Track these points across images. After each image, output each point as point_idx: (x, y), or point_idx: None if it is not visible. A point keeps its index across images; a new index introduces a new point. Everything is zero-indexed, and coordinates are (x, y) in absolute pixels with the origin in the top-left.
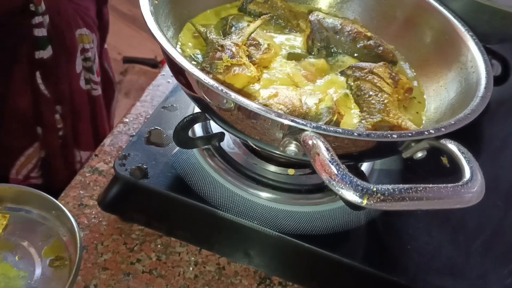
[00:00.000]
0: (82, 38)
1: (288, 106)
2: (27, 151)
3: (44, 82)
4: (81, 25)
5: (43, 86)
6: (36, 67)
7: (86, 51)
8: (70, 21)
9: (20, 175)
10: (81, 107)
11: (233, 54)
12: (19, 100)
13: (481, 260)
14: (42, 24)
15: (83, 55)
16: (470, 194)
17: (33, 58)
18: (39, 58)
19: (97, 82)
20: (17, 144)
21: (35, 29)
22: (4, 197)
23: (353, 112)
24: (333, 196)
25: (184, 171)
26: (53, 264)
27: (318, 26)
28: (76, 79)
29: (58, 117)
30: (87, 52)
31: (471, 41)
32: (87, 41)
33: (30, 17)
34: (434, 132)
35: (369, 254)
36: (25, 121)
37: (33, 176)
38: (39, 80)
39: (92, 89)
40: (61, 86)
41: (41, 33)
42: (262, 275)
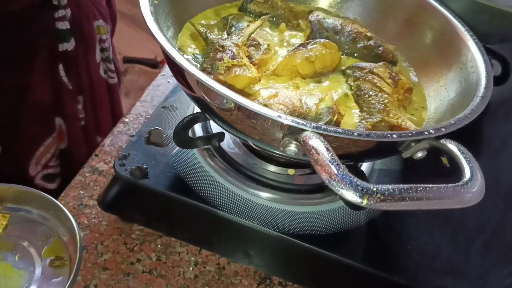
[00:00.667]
0: (99, 29)
1: (288, 106)
2: (46, 141)
3: (66, 74)
4: (98, 16)
5: (66, 78)
6: (59, 59)
7: (103, 41)
8: (89, 13)
9: (39, 165)
10: (101, 96)
11: (233, 54)
12: (39, 91)
13: (481, 260)
14: (65, 17)
15: (101, 45)
16: (470, 194)
17: (56, 51)
18: (63, 50)
19: (113, 70)
20: (36, 135)
21: (58, 22)
22: (4, 197)
23: (354, 112)
24: (333, 196)
25: (184, 171)
26: (53, 264)
27: (318, 26)
28: (96, 69)
29: (80, 107)
30: (104, 43)
31: (471, 41)
32: (103, 32)
33: (52, 10)
34: (434, 132)
35: (369, 254)
36: (44, 112)
37: (51, 165)
38: (61, 72)
39: (109, 78)
40: (82, 77)
41: (64, 26)
42: (262, 275)
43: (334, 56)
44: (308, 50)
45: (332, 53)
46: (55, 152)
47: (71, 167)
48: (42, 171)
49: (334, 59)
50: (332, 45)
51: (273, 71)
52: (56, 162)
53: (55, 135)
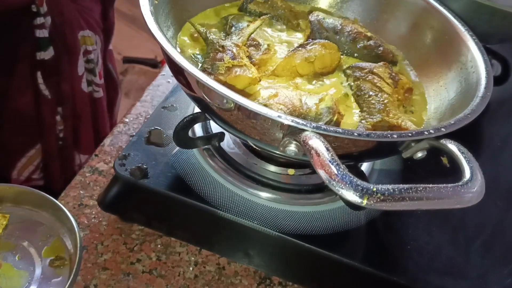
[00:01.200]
0: (84, 40)
1: (288, 106)
2: (28, 153)
3: (45, 83)
4: (84, 26)
5: (44, 87)
6: (37, 67)
7: (88, 53)
8: (73, 23)
9: (21, 176)
10: (82, 109)
11: (234, 55)
12: (20, 100)
13: (481, 260)
14: (43, 25)
15: (86, 57)
16: (470, 194)
17: (35, 59)
18: (40, 59)
19: (99, 84)
20: (17, 145)
21: (37, 30)
22: (4, 197)
23: (354, 112)
24: (333, 196)
25: (184, 171)
26: (53, 264)
27: (318, 26)
28: (78, 81)
29: (59, 118)
30: (90, 54)
31: (471, 41)
32: (89, 43)
33: (31, 17)
34: (434, 132)
35: (369, 254)
36: (26, 121)
37: (35, 178)
38: (40, 80)
39: (94, 91)
40: (63, 88)
41: (42, 34)
42: (262, 275)
43: (334, 57)
44: (308, 51)
45: (331, 53)
46: (39, 164)
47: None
48: (25, 184)
49: (333, 59)
50: (332, 46)
51: (272, 72)
52: (39, 175)
53: (38, 146)
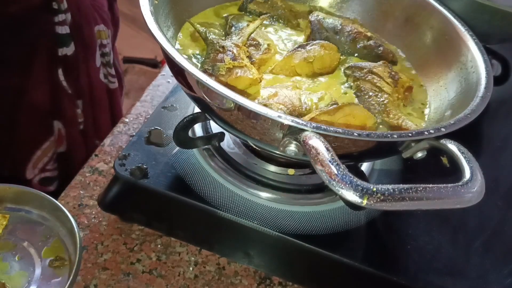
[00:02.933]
0: (100, 34)
1: (288, 106)
2: (43, 145)
3: (66, 79)
4: (98, 21)
5: (65, 82)
6: (58, 63)
7: (103, 46)
8: (90, 18)
9: (36, 169)
10: (101, 100)
11: (234, 56)
12: (37, 94)
13: (481, 260)
14: (65, 22)
15: (101, 50)
16: (470, 194)
17: (56, 55)
18: (63, 55)
19: (114, 75)
20: (34, 138)
21: (58, 27)
22: (4, 197)
23: None
24: (333, 196)
25: (184, 171)
26: (53, 264)
27: (318, 26)
28: (96, 73)
29: (79, 111)
30: (105, 48)
31: (471, 41)
32: (104, 37)
33: (52, 14)
34: (434, 132)
35: (369, 254)
36: (42, 115)
37: (48, 168)
38: (61, 77)
39: (110, 82)
40: (82, 81)
41: (64, 31)
42: (262, 275)
43: (333, 57)
44: (307, 51)
45: (331, 54)
46: (53, 155)
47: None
48: (39, 175)
49: (333, 60)
50: (331, 46)
51: (270, 71)
52: (53, 166)
53: (53, 138)
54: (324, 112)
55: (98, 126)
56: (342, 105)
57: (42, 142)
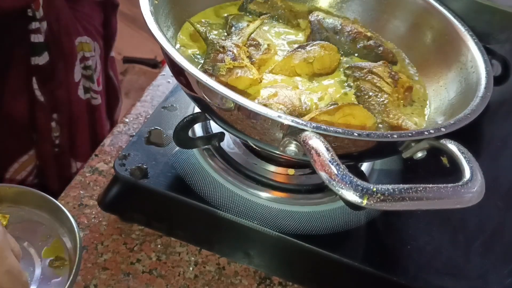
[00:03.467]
0: (82, 46)
1: (287, 106)
2: (21, 158)
3: (40, 89)
4: (81, 33)
5: (39, 92)
6: (32, 73)
7: (86, 59)
8: (70, 28)
9: (13, 182)
10: (79, 116)
11: (234, 56)
12: (14, 104)
13: (481, 260)
14: (39, 30)
15: (83, 63)
16: (470, 194)
17: (29, 64)
18: (35, 64)
19: (97, 91)
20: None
21: (32, 35)
22: (4, 197)
23: None
24: (333, 196)
25: (184, 171)
26: (53, 264)
27: (318, 26)
28: (74, 88)
29: (55, 124)
30: (88, 61)
31: (471, 41)
32: (87, 49)
33: (27, 22)
34: (434, 132)
35: (369, 254)
36: (19, 126)
37: (28, 183)
38: (35, 85)
39: (92, 98)
40: (58, 94)
41: (37, 39)
42: (262, 275)
43: (333, 58)
44: (307, 52)
45: (331, 55)
46: (33, 170)
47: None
48: None
49: (332, 61)
50: (331, 47)
51: (270, 71)
52: (34, 181)
53: (32, 152)
54: (323, 112)
55: (74, 144)
56: (341, 105)
57: (20, 155)
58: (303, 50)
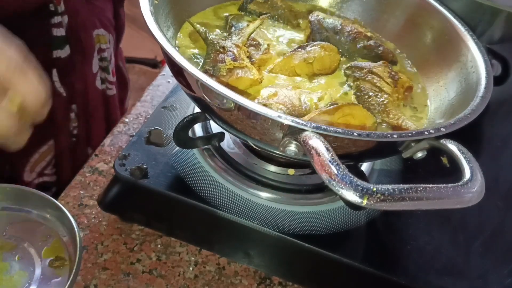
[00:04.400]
0: (99, 38)
1: (287, 105)
2: (41, 149)
3: (60, 81)
4: (98, 25)
5: (59, 84)
6: (53, 65)
7: (102, 51)
8: (88, 22)
9: (34, 172)
10: (96, 107)
11: (235, 56)
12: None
13: (481, 260)
14: (61, 24)
15: (100, 55)
16: (470, 194)
17: (51, 57)
18: (57, 57)
19: (112, 81)
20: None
21: (54, 29)
22: (4, 197)
23: None
24: (333, 196)
25: (184, 171)
26: (53, 264)
27: (318, 26)
28: (92, 79)
29: (73, 116)
30: (103, 52)
31: (471, 41)
32: (103, 42)
33: (49, 16)
34: (434, 132)
35: (369, 254)
36: None
37: (47, 173)
38: (55, 78)
39: (107, 89)
40: (77, 86)
41: (59, 33)
42: (262, 275)
43: (333, 59)
44: (307, 52)
45: (331, 55)
46: (51, 160)
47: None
48: (37, 179)
49: (333, 61)
50: (332, 48)
51: (270, 71)
52: (52, 171)
53: (51, 143)
54: (323, 112)
55: (90, 133)
56: (341, 105)
57: (40, 145)
58: (303, 51)
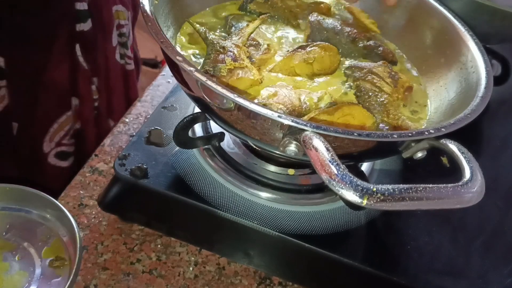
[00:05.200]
0: (118, 14)
1: (287, 105)
2: (60, 119)
3: (83, 55)
4: (117, 1)
5: (82, 59)
6: (76, 39)
7: (121, 27)
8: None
9: (52, 142)
10: (116, 80)
11: (235, 56)
12: (57, 72)
13: (481, 260)
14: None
15: (119, 30)
16: (470, 194)
17: (74, 31)
18: (80, 30)
19: (130, 57)
20: (51, 114)
21: (77, 3)
22: (4, 197)
23: None
24: (333, 196)
25: (184, 171)
26: (53, 264)
27: (318, 26)
28: (112, 53)
29: (94, 88)
30: (122, 28)
31: (471, 41)
32: (122, 18)
33: None
34: (434, 132)
35: (369, 254)
36: (60, 92)
37: (64, 143)
38: (78, 52)
39: (126, 64)
40: (98, 59)
41: (82, 7)
42: (262, 275)
43: (333, 59)
44: (307, 52)
45: (331, 56)
46: (70, 130)
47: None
48: (56, 148)
49: (333, 61)
50: (332, 48)
51: (270, 71)
52: (70, 141)
53: (70, 113)
54: (323, 112)
55: (112, 106)
56: (341, 105)
57: (59, 116)
58: (303, 51)
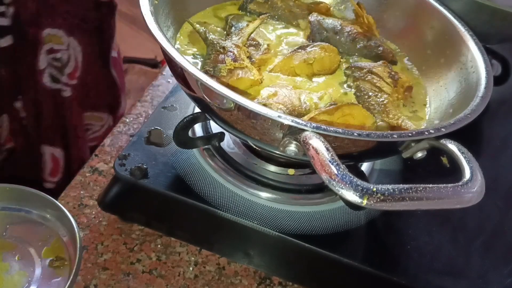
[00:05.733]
0: (50, 38)
1: (287, 105)
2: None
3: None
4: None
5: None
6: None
7: (55, 51)
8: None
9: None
10: (43, 102)
11: (235, 56)
12: None
13: (481, 260)
14: (4, 14)
15: (53, 54)
16: (470, 194)
17: None
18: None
19: (68, 83)
20: None
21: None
22: (4, 197)
23: None
24: (333, 196)
25: (184, 171)
26: (53, 264)
27: (318, 26)
28: (38, 74)
29: (19, 105)
30: (57, 53)
31: (471, 41)
32: (56, 42)
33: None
34: (434, 132)
35: (369, 254)
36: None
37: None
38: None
39: (62, 90)
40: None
41: (1, 23)
42: (262, 275)
43: (333, 60)
44: (307, 53)
45: (331, 56)
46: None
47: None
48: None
49: (333, 62)
50: (332, 49)
51: (270, 71)
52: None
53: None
54: (323, 112)
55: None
56: (340, 105)
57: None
58: (303, 51)
